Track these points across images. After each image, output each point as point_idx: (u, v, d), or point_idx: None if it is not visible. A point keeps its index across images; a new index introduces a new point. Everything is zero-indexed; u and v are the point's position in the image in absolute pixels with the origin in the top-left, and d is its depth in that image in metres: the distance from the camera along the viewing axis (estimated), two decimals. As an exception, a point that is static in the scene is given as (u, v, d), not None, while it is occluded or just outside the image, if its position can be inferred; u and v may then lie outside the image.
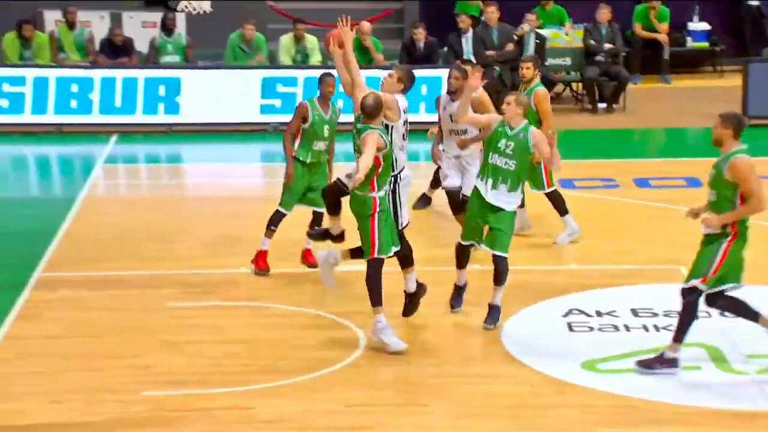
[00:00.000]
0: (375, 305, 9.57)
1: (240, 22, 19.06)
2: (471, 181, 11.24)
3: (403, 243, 9.91)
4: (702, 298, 8.93)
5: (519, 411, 8.50)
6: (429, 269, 10.63)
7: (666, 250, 12.08)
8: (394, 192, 9.89)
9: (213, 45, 19.37)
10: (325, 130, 11.17)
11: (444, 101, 11.89)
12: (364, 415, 8.43)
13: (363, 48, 18.88)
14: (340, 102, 12.59)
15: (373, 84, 10.55)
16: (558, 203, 12.50)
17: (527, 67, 12.50)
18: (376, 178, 9.48)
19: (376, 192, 9.52)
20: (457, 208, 11.87)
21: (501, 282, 9.94)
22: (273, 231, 11.37)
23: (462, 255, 10.24)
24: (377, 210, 9.54)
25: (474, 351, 9.70)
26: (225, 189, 15.37)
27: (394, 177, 9.86)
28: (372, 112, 9.46)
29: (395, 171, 9.89)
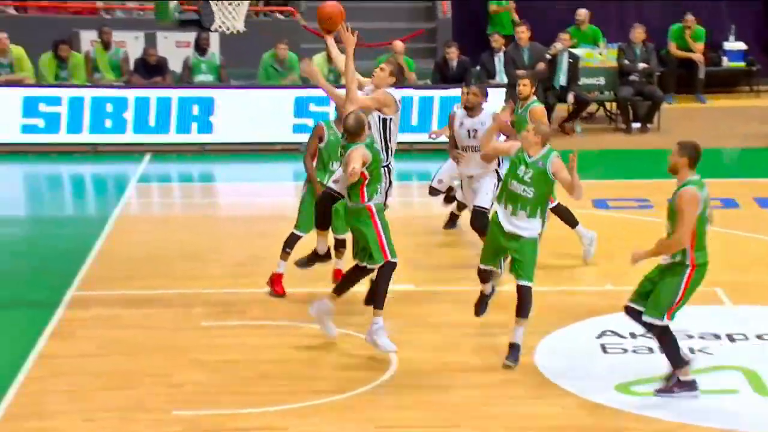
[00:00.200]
0: (378, 307, 9.68)
1: (273, 41, 19.11)
2: (478, 199, 11.48)
3: None
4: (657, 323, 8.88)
5: (552, 433, 8.43)
6: (453, 289, 10.56)
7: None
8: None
9: (246, 64, 19.41)
10: (341, 150, 11.20)
11: (460, 117, 11.86)
12: (396, 436, 8.40)
13: (396, 67, 18.88)
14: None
15: (405, 107, 10.63)
16: (566, 216, 12.35)
17: (524, 84, 12.45)
18: (365, 188, 9.62)
19: (367, 201, 9.66)
20: (485, 228, 11.70)
21: (524, 314, 9.60)
22: (288, 253, 11.32)
23: (484, 275, 10.08)
24: (375, 216, 9.67)
25: (506, 372, 9.59)
26: (257, 208, 15.38)
27: (386, 166, 10.14)
28: (354, 132, 9.65)
29: (388, 161, 10.16)
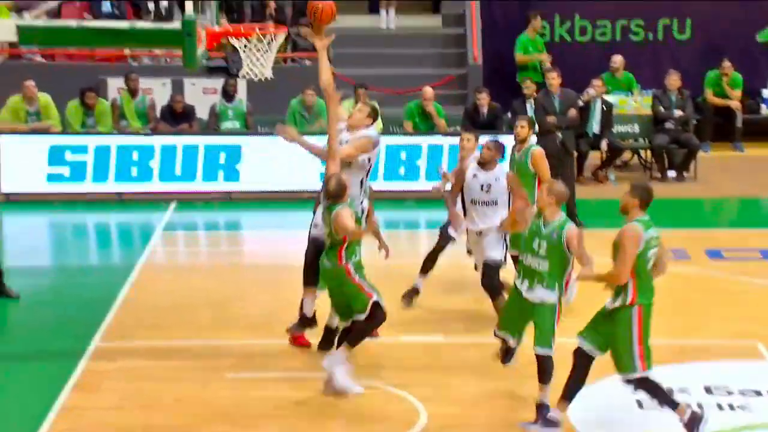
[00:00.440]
0: (350, 344, 9.83)
1: (300, 88, 18.99)
2: (488, 251, 11.17)
3: None
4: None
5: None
6: (482, 341, 10.35)
7: (741, 324, 11.70)
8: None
9: (274, 111, 19.28)
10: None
11: (473, 170, 11.40)
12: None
13: (425, 113, 18.72)
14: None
15: (435, 155, 10.51)
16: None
17: (522, 126, 12.31)
18: (343, 250, 9.81)
19: (344, 262, 9.83)
20: (496, 289, 11.33)
21: (545, 381, 9.41)
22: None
23: (503, 342, 9.83)
24: (353, 274, 9.78)
25: (541, 427, 9.35)
26: (283, 257, 15.14)
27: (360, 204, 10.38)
28: (337, 194, 9.88)
29: (362, 201, 10.43)
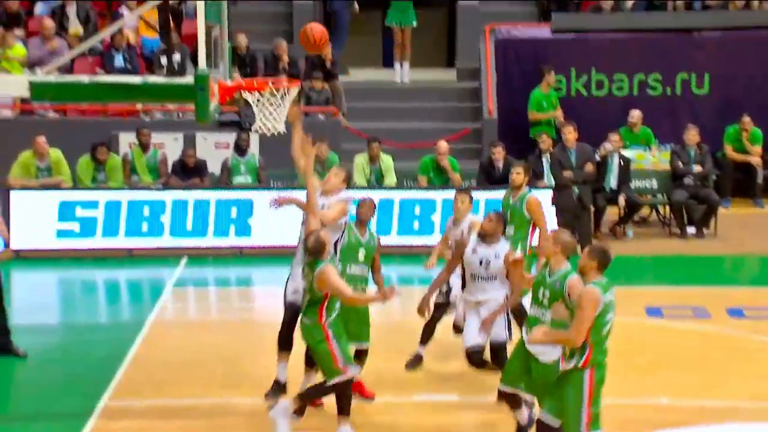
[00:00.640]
0: (345, 414, 9.81)
1: (313, 141, 18.78)
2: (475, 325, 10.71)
3: None
4: None
5: None
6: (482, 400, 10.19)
7: (764, 385, 11.43)
8: None
9: (286, 165, 19.06)
10: (360, 253, 11.00)
11: (474, 244, 10.80)
12: None
13: (440, 168, 18.53)
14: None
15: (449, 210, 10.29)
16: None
17: (518, 173, 12.14)
18: (324, 307, 9.86)
19: (324, 320, 9.87)
20: (481, 363, 10.87)
21: None
22: (310, 368, 10.73)
23: (508, 399, 9.61)
24: (330, 337, 9.83)
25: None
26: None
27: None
28: (318, 251, 9.89)
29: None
